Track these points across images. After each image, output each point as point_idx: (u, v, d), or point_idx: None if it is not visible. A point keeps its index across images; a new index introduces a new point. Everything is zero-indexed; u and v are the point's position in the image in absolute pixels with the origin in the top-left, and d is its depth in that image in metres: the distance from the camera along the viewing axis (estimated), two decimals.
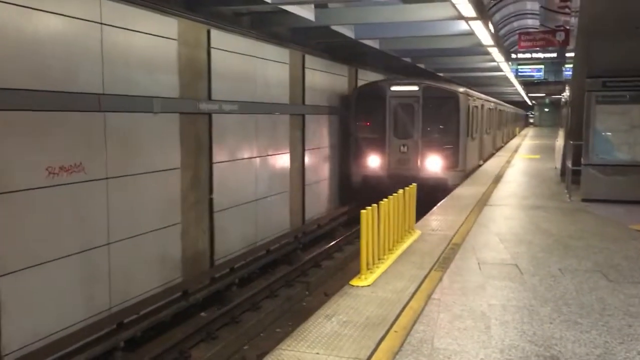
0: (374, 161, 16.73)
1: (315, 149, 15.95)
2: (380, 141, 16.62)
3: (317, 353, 4.55)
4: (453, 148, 16.19)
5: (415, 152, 16.36)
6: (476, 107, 19.27)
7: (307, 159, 15.33)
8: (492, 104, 26.69)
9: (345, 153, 17.52)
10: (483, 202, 12.23)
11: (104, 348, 7.63)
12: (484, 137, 22.45)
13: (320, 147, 16.30)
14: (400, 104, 16.54)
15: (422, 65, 22.45)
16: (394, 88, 16.65)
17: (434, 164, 16.22)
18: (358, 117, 17.04)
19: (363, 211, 6.54)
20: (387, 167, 16.60)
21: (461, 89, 17.10)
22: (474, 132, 18.65)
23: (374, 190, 13.25)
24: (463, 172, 16.49)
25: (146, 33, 8.85)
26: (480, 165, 20.32)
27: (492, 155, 25.56)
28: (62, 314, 7.40)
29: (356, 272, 6.71)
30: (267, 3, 10.31)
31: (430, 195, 12.83)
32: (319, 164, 16.29)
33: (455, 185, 15.05)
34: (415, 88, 16.44)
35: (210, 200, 10.81)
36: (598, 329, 5.13)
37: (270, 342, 8.51)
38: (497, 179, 16.56)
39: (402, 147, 16.45)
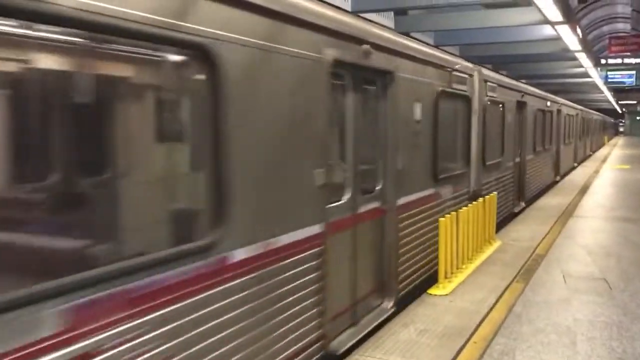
0: None
1: None
2: None
3: None
4: None
5: None
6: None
7: None
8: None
9: None
10: (568, 213, 11.73)
11: None
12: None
13: None
14: None
15: (504, 72, 21.92)
16: None
17: None
18: None
19: (442, 219, 6.45)
20: None
21: None
22: None
23: None
24: None
25: None
26: None
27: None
28: None
29: None
30: (347, 11, 10.41)
31: None
32: None
33: None
34: None
35: None
36: None
37: None
38: (584, 189, 15.83)
39: None
